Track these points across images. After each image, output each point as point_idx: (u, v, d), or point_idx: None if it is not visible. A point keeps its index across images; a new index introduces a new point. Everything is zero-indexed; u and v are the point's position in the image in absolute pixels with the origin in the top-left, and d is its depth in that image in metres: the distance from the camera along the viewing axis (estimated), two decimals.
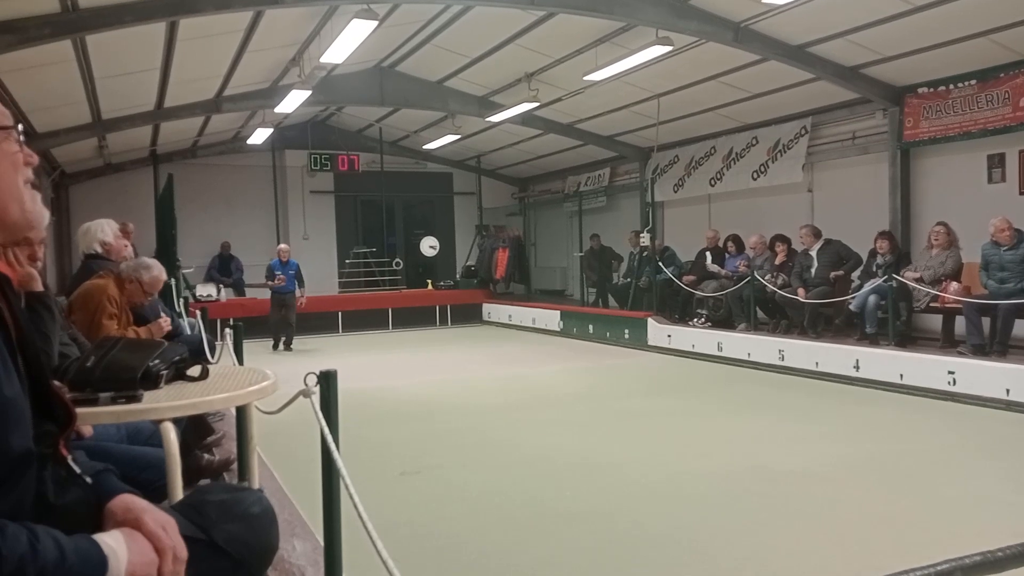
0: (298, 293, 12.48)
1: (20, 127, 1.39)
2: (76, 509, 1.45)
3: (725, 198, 13.35)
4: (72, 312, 4.29)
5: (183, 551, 1.39)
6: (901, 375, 7.81)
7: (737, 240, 11.19)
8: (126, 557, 1.28)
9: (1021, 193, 9.06)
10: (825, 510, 4.37)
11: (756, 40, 9.33)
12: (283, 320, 12.37)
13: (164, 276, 4.79)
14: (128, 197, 15.24)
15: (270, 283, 12.27)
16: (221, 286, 15.39)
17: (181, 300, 9.01)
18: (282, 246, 12.97)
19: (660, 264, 11.98)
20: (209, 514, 1.59)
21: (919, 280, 8.36)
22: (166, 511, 1.47)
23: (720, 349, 10.19)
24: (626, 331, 12.20)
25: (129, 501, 1.44)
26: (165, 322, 4.90)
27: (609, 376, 9.69)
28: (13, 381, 1.30)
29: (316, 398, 2.68)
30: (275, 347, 12.34)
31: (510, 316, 15.66)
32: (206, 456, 4.01)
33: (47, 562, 1.17)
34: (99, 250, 5.21)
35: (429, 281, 17.17)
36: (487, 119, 13.55)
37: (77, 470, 1.52)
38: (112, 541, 1.29)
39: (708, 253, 11.52)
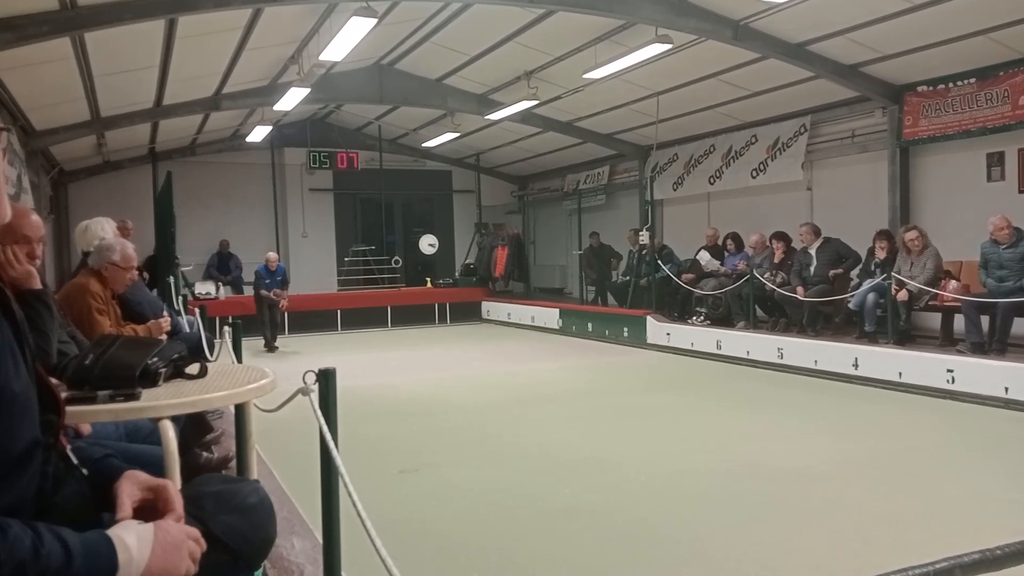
0: (282, 295, 12.53)
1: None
2: (73, 503, 1.46)
3: (724, 196, 13.34)
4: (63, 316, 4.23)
5: (175, 493, 1.47)
6: (900, 373, 7.81)
7: (736, 238, 11.19)
8: (146, 557, 1.27)
9: (1020, 191, 9.06)
10: (824, 507, 4.38)
11: (755, 38, 9.33)
12: (270, 319, 12.43)
13: (130, 246, 4.57)
14: (127, 195, 15.23)
15: (267, 293, 12.27)
16: (220, 284, 15.38)
17: (180, 298, 9.00)
18: (270, 254, 12.94)
19: (659, 262, 11.98)
20: (206, 506, 1.59)
21: (910, 293, 8.29)
22: None
23: (719, 347, 10.19)
24: (625, 329, 12.20)
25: (135, 473, 1.48)
26: (165, 322, 4.85)
27: (608, 374, 9.69)
28: (22, 374, 1.31)
29: (315, 396, 2.67)
30: (269, 348, 12.29)
31: (509, 314, 15.66)
32: (205, 454, 4.02)
33: (50, 567, 1.16)
34: None
35: (428, 279, 17.17)
36: (486, 117, 13.54)
37: (75, 461, 1.52)
38: (134, 540, 1.28)
39: (705, 252, 11.48)
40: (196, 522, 1.52)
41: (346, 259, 17.46)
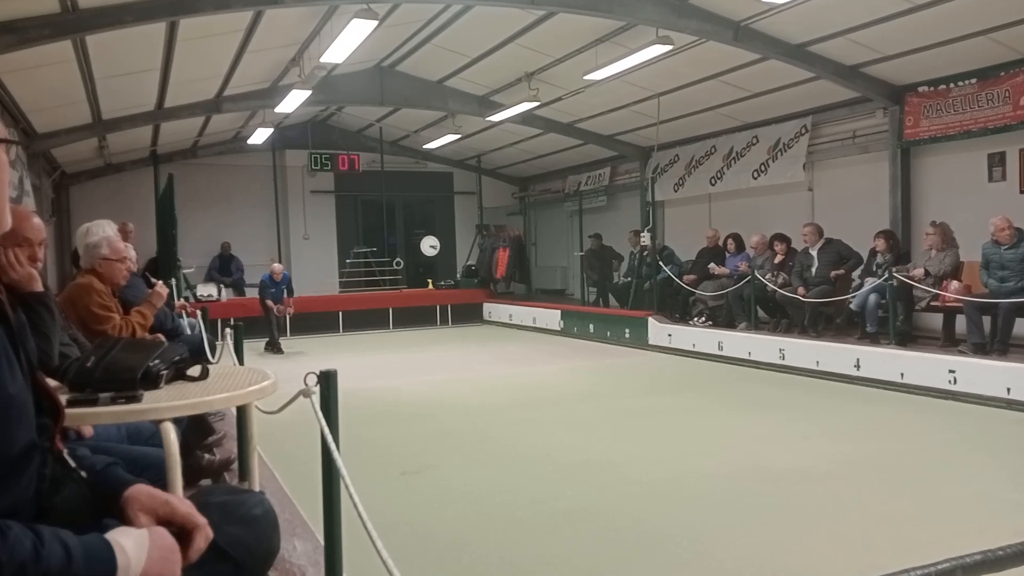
0: (286, 302, 12.60)
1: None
2: (72, 504, 1.46)
3: (725, 197, 13.34)
4: (65, 318, 4.19)
5: (210, 531, 1.44)
6: (902, 374, 7.80)
7: (737, 239, 11.19)
8: (143, 562, 1.28)
9: (1021, 192, 9.05)
10: (826, 509, 4.37)
11: (756, 39, 9.32)
12: (275, 322, 12.55)
13: (109, 223, 4.44)
14: (128, 197, 15.24)
15: (272, 304, 12.36)
16: (221, 286, 15.39)
17: (182, 300, 9.01)
18: (275, 265, 13.02)
19: (660, 263, 11.98)
20: (211, 516, 1.59)
21: (924, 277, 8.31)
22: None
23: (721, 348, 10.18)
24: (627, 330, 12.20)
25: (151, 489, 1.47)
26: (163, 288, 4.79)
27: (610, 375, 9.69)
28: (17, 376, 1.32)
29: (316, 398, 2.68)
30: (276, 350, 12.38)
31: (511, 316, 15.66)
32: (206, 456, 4.01)
33: (50, 568, 1.17)
34: None
35: (429, 281, 17.16)
36: (487, 119, 13.54)
37: (72, 464, 1.53)
38: (131, 544, 1.29)
39: (714, 264, 11.38)
40: None
41: (347, 261, 17.47)
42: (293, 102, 11.84)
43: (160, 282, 4.90)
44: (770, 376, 8.99)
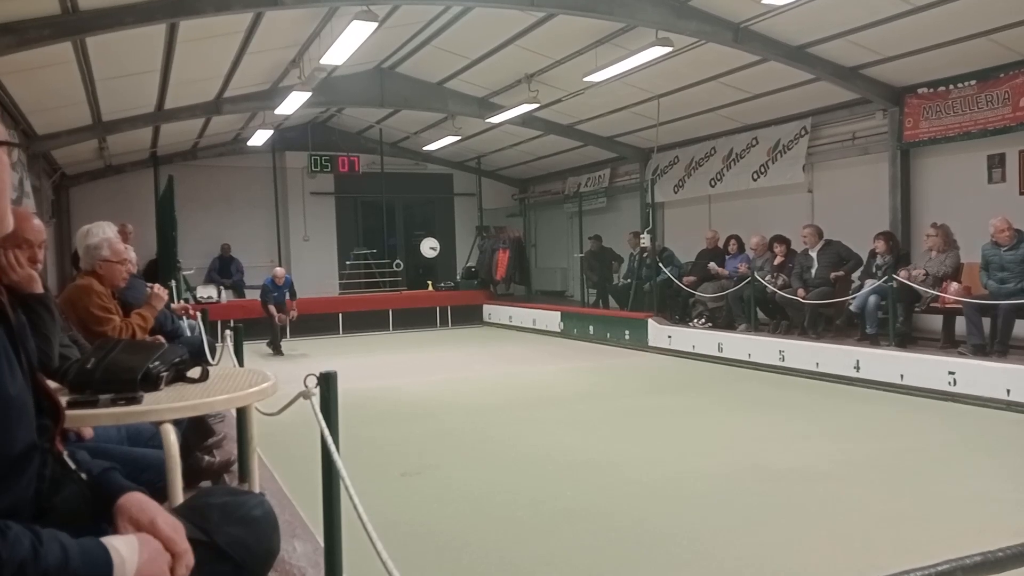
0: (289, 306, 12.59)
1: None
2: (72, 505, 1.47)
3: (725, 199, 13.35)
4: (65, 319, 4.18)
5: (192, 558, 1.42)
6: (901, 375, 7.80)
7: (738, 240, 11.19)
8: (136, 562, 1.29)
9: (1021, 193, 9.06)
10: (826, 509, 4.38)
11: (756, 41, 9.33)
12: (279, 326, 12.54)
13: (109, 225, 4.41)
14: (129, 199, 15.25)
15: (275, 311, 12.35)
16: (221, 288, 15.39)
17: (181, 301, 9.02)
18: (277, 269, 13.04)
19: (659, 265, 11.98)
20: (211, 517, 1.60)
21: (924, 279, 8.32)
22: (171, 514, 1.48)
23: (720, 350, 10.18)
24: (626, 332, 12.20)
25: (142, 500, 1.46)
26: (162, 291, 4.78)
27: (610, 376, 9.69)
28: (17, 377, 1.32)
29: (316, 399, 2.68)
30: (276, 351, 12.39)
31: (510, 317, 15.66)
32: (206, 458, 4.00)
33: (49, 567, 1.18)
34: None
35: (429, 282, 17.16)
36: (487, 120, 13.56)
37: (72, 465, 1.53)
38: (123, 546, 1.30)
39: (713, 264, 11.38)
40: (201, 533, 1.53)
41: (347, 262, 17.46)
42: (293, 104, 11.85)
43: (158, 284, 4.90)
44: (770, 377, 8.99)
